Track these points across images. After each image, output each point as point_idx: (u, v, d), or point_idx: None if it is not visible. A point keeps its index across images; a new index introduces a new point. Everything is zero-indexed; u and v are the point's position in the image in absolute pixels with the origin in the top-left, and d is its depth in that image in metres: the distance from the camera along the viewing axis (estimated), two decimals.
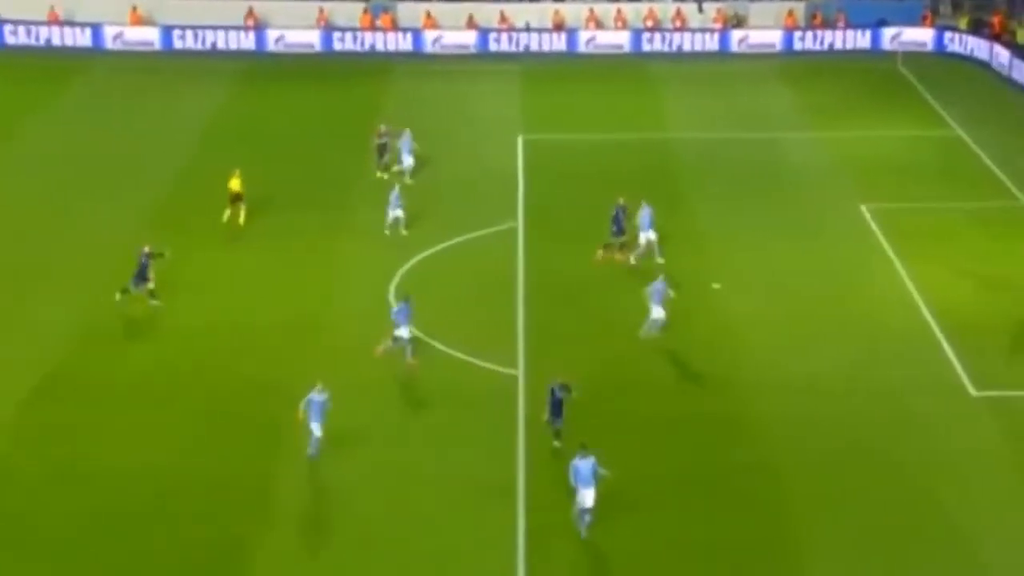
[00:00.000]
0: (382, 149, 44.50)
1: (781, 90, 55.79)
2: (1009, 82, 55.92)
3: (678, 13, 62.54)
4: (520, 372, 32.42)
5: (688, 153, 48.11)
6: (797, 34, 61.27)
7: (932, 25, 61.31)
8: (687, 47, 61.37)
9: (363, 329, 34.54)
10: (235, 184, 40.36)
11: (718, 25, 62.22)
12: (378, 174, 43.74)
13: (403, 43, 61.23)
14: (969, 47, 59.64)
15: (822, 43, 61.24)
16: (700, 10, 62.94)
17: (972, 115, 51.53)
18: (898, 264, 38.16)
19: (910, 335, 34.05)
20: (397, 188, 39.94)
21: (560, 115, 52.82)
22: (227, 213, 39.95)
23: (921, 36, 60.89)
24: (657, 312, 32.88)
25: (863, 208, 42.28)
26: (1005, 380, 31.76)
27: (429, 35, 61.26)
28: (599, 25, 62.26)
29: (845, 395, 31.17)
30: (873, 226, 40.89)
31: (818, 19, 62.34)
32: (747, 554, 25.87)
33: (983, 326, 34.39)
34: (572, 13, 62.47)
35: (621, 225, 37.82)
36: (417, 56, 60.48)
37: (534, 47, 61.32)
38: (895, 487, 27.89)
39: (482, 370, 32.54)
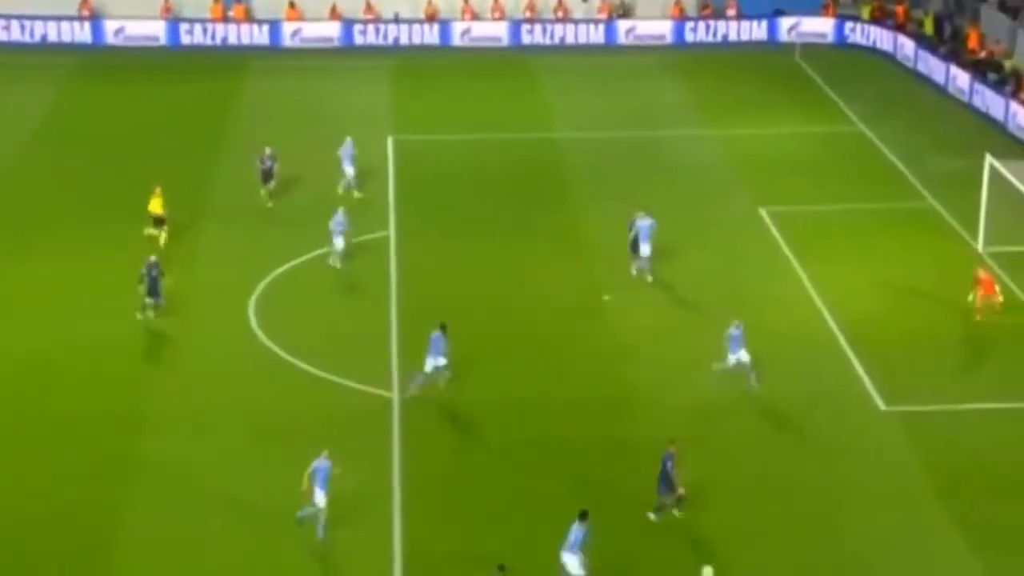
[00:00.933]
0: (267, 174, 42.77)
1: (672, 85, 56.61)
2: (914, 74, 57.43)
3: (560, 3, 63.14)
4: (394, 393, 32.42)
5: (574, 153, 48.56)
6: (688, 25, 62.24)
7: (832, 15, 62.78)
8: (570, 39, 61.98)
9: (224, 349, 34.25)
10: (156, 205, 39.59)
11: (603, 15, 62.95)
12: (268, 204, 42.44)
13: (259, 36, 60.87)
14: (872, 38, 61.14)
15: (715, 34, 62.31)
16: None
17: (876, 110, 52.81)
18: (800, 271, 38.92)
19: (815, 347, 34.73)
20: (341, 211, 38.72)
21: (434, 114, 52.96)
22: (158, 234, 39.34)
23: (821, 26, 62.27)
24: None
25: (762, 211, 43.06)
26: (916, 394, 32.53)
27: (288, 27, 61.00)
28: (475, 16, 62.59)
29: (746, 413, 31.65)
30: (773, 230, 41.67)
31: (708, 8, 63.41)
32: None
33: (892, 336, 35.24)
34: (446, 3, 62.71)
35: (638, 243, 37.85)
36: (275, 50, 60.18)
37: (404, 40, 61.40)
38: (798, 513, 28.32)
39: (352, 392, 32.47)
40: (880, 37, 60.74)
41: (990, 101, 51.88)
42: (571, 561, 25.72)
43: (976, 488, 29.04)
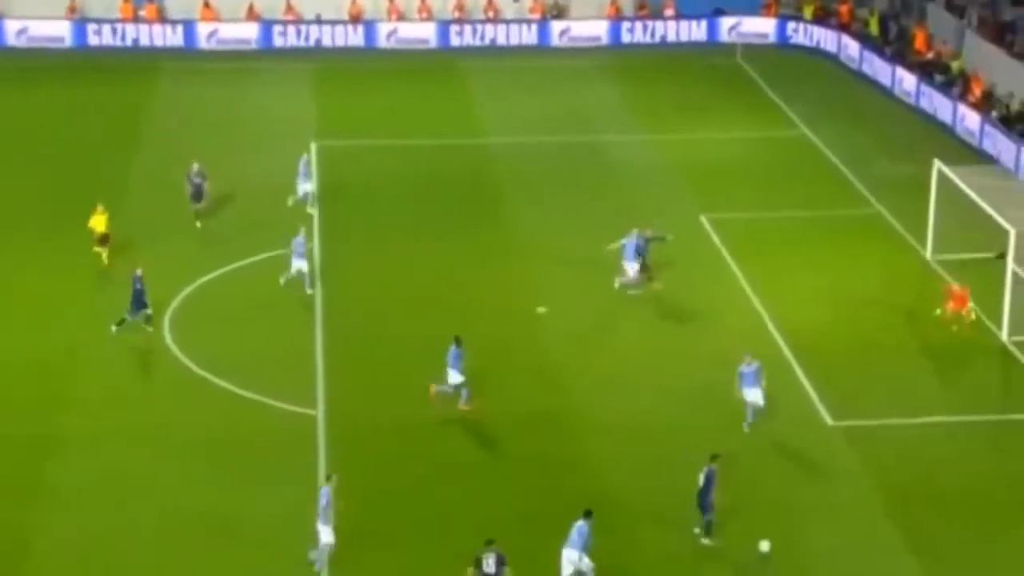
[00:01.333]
0: (197, 192, 42.10)
1: (609, 88, 57.06)
2: (859, 76, 58.24)
3: (490, 3, 63.46)
4: (320, 412, 32.47)
5: (507, 159, 48.82)
6: (625, 25, 62.77)
7: (774, 15, 63.54)
8: (501, 40, 62.30)
9: (138, 368, 34.15)
10: (99, 223, 39.16)
11: (536, 15, 63.33)
12: (197, 224, 41.86)
13: (172, 38, 60.72)
14: (815, 38, 61.93)
15: (653, 35, 62.87)
16: None
17: (820, 113, 53.52)
18: (743, 280, 39.36)
19: (759, 360, 35.10)
20: (303, 234, 38.11)
21: (359, 119, 53.05)
22: (101, 252, 39.01)
23: (762, 27, 63.00)
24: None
25: (703, 218, 43.52)
26: (863, 408, 32.96)
27: (203, 28, 60.89)
28: (401, 16, 62.77)
29: (688, 430, 31.91)
30: (714, 238, 42.13)
31: (646, 8, 63.98)
32: None
33: (838, 348, 35.71)
34: (370, 3, 62.87)
35: (645, 259, 38.15)
36: (189, 53, 60.05)
37: (327, 42, 61.46)
38: (746, 529, 28.45)
39: (276, 411, 32.50)
40: (823, 37, 61.55)
41: (937, 104, 52.74)
42: (573, 559, 26.14)
43: (925, 504, 29.47)
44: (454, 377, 32.25)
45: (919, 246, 41.20)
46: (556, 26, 62.69)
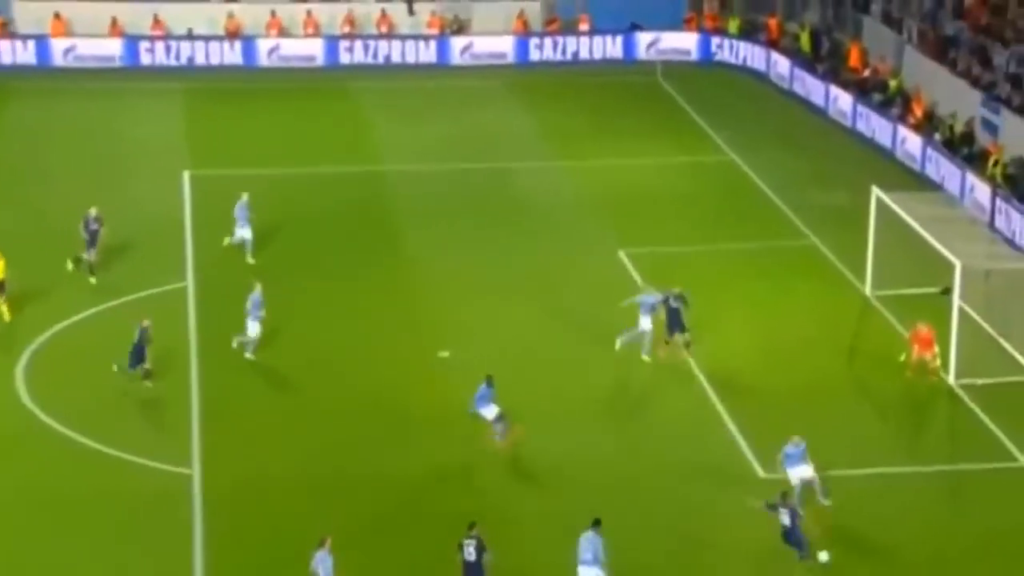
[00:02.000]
0: (92, 238, 41.05)
1: (517, 110, 57.41)
2: (790, 96, 59.08)
3: (384, 16, 63.71)
4: (195, 471, 32.26)
5: (404, 189, 48.91)
6: (533, 41, 63.27)
7: (696, 29, 64.32)
8: (396, 58, 62.54)
9: None
10: None
11: (434, 31, 63.65)
12: (91, 279, 40.97)
13: (23, 54, 60.31)
14: (742, 55, 62.81)
15: (564, 52, 63.40)
16: (411, 12, 64.25)
17: (748, 136, 54.18)
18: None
19: (686, 408, 35.34)
20: (258, 290, 37.12)
21: (238, 145, 52.96)
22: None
23: (683, 42, 63.75)
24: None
25: (621, 254, 43.82)
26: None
27: (58, 44, 60.51)
28: (284, 31, 62.81)
29: (608, 485, 32.05)
30: (635, 275, 42.43)
31: (556, 23, 64.53)
32: None
33: (769, 393, 36.00)
34: (250, 16, 62.83)
35: (679, 319, 37.48)
36: (44, 71, 59.63)
37: (201, 59, 61.36)
38: None
39: (146, 470, 32.24)
40: (751, 54, 62.42)
41: (875, 125, 53.61)
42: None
43: (869, 563, 29.83)
44: (487, 412, 33.02)
45: (857, 281, 41.76)
46: (457, 42, 63.04)
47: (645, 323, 37.15)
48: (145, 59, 61.01)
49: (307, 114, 56.47)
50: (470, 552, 27.77)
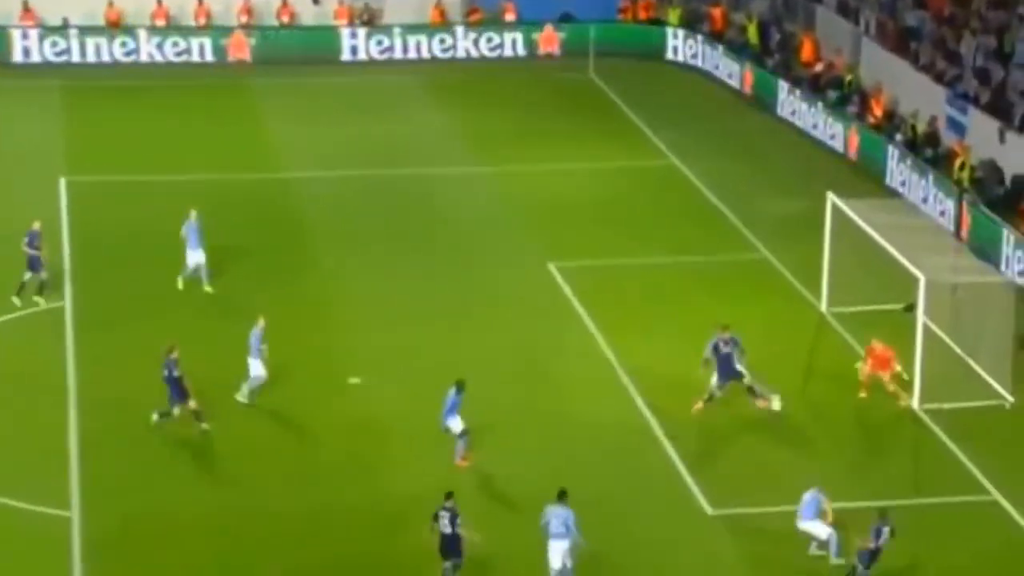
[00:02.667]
0: (34, 262, 40.56)
1: (434, 110, 57.53)
2: (737, 94, 59.53)
3: (285, 5, 63.68)
4: (74, 512, 32.08)
5: (310, 198, 48.88)
6: (453, 33, 63.37)
7: (633, 20, 64.66)
8: (299, 51, 62.47)
9: None
10: None
11: (342, 21, 63.67)
12: (35, 299, 40.55)
13: None
14: (683, 49, 63.25)
15: (488, 46, 63.62)
16: (316, 1, 64.26)
17: (691, 138, 54.50)
18: (603, 343, 39.81)
19: (626, 440, 35.40)
20: (261, 325, 36.22)
21: (121, 149, 52.79)
22: None
23: (619, 34, 64.02)
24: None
25: (552, 267, 43.97)
26: (749, 493, 33.41)
27: None
28: (172, 22, 62.64)
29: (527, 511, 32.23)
30: (567, 291, 42.58)
31: (478, 14, 64.70)
32: None
33: (718, 422, 36.13)
34: (132, 5, 62.60)
35: (732, 365, 36.58)
36: None
37: (77, 54, 61.07)
38: None
39: (20, 513, 32.01)
40: (693, 48, 62.83)
41: (830, 125, 54.11)
42: (563, 552, 29.04)
43: None
44: (456, 424, 33.57)
45: (812, 297, 42.10)
46: (367, 35, 63.04)
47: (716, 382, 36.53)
48: (16, 54, 60.62)
49: (198, 114, 56.34)
50: (445, 524, 29.25)
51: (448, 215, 48.09)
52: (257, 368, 36.25)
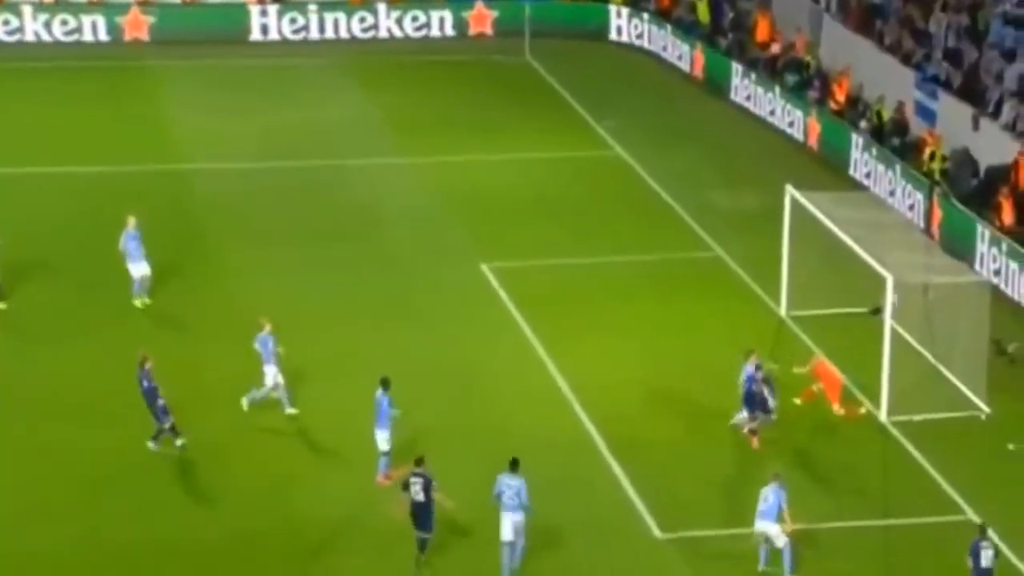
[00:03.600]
0: None
1: (354, 96, 57.58)
2: (687, 78, 59.85)
3: None
4: None
5: (217, 193, 48.78)
6: (375, 11, 63.42)
7: None
8: (203, 31, 62.33)
9: None
10: None
11: (252, 0, 63.69)
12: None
13: None
14: (628, 29, 63.54)
15: (413, 25, 63.72)
16: None
17: (637, 127, 54.76)
18: (541, 351, 40.00)
19: (567, 458, 35.50)
20: (267, 329, 36.39)
21: (0, 137, 52.60)
22: None
23: (557, 13, 64.14)
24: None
25: (485, 268, 44.12)
26: (702, 515, 33.67)
27: None
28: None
29: (480, 544, 32.39)
30: (502, 295, 42.74)
31: None
32: None
33: (667, 438, 36.34)
34: None
35: (763, 397, 36.30)
36: None
37: None
38: None
39: None
40: (639, 28, 63.13)
41: (789, 112, 54.53)
42: (519, 524, 30.60)
43: None
44: (384, 438, 33.97)
45: (770, 299, 42.46)
46: (278, 13, 63.00)
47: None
48: None
49: (90, 100, 56.22)
50: (417, 491, 30.85)
51: (370, 212, 48.10)
52: (271, 375, 36.49)
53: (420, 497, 30.93)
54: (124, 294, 41.58)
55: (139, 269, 41.44)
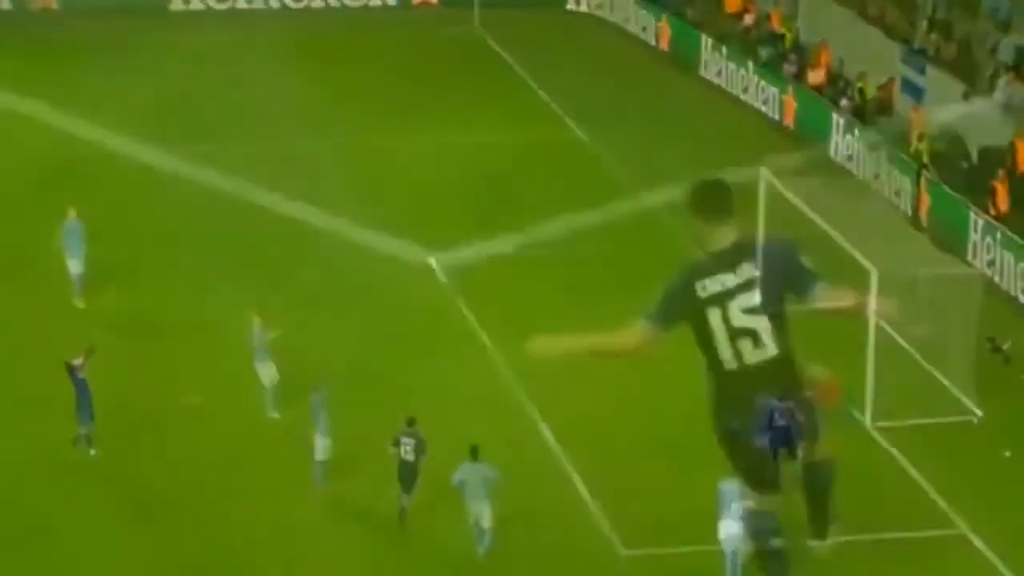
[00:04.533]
0: None
1: (287, 72, 57.81)
2: (653, 52, 60.31)
3: None
4: None
5: (131, 178, 48.83)
6: None
7: None
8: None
9: None
10: None
11: None
12: None
13: None
14: None
15: None
16: None
17: (598, 106, 55.22)
18: (494, 352, 40.43)
19: (523, 470, 35.61)
20: (257, 324, 37.29)
21: None
22: None
23: None
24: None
25: (433, 262, 44.38)
26: (671, 532, 33.96)
27: None
28: None
29: (451, 563, 32.99)
30: (450, 290, 43.17)
31: None
32: None
33: (633, 446, 36.78)
34: None
35: (788, 435, 35.63)
36: None
37: None
38: None
39: None
40: None
41: (764, 89, 54.97)
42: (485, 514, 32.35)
43: None
44: (322, 442, 34.54)
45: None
46: None
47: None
48: None
49: None
50: (407, 451, 32.85)
51: (304, 198, 48.17)
52: (267, 372, 37.19)
53: (410, 457, 32.78)
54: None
55: (75, 269, 41.89)
